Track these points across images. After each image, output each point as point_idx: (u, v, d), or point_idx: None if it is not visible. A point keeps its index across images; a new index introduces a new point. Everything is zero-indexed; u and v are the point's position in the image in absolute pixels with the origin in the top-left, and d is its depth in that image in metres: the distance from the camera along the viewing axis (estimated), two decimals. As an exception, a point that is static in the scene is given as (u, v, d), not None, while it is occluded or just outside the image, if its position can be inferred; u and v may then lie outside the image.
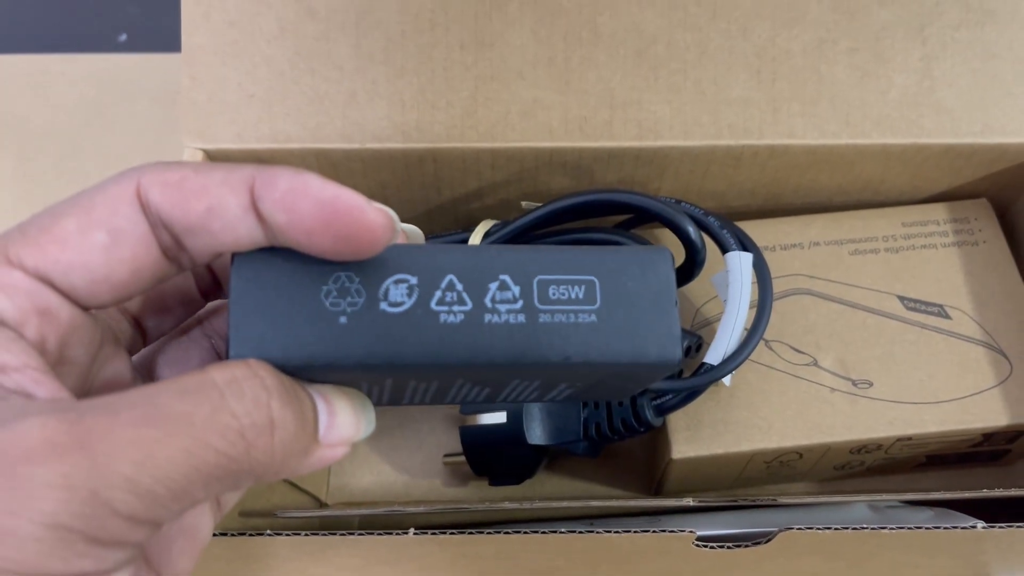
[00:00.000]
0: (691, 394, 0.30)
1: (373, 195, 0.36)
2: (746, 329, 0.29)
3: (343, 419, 0.18)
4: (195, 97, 0.33)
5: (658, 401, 0.30)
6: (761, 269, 0.31)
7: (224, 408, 0.15)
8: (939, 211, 0.36)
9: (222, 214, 0.17)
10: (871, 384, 0.33)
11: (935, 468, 0.36)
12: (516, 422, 0.31)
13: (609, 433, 0.31)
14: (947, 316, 0.34)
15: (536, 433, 0.31)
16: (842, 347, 0.34)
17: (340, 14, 0.33)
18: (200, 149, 0.33)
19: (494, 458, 0.33)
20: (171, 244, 0.17)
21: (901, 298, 0.34)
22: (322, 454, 0.17)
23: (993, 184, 0.36)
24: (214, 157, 0.34)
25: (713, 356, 0.29)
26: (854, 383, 0.33)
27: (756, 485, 0.36)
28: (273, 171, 0.17)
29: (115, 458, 0.13)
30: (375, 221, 0.17)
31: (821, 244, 0.36)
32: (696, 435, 0.32)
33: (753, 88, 0.34)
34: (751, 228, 0.36)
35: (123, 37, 0.62)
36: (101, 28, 0.60)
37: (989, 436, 0.33)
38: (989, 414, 0.32)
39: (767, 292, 0.30)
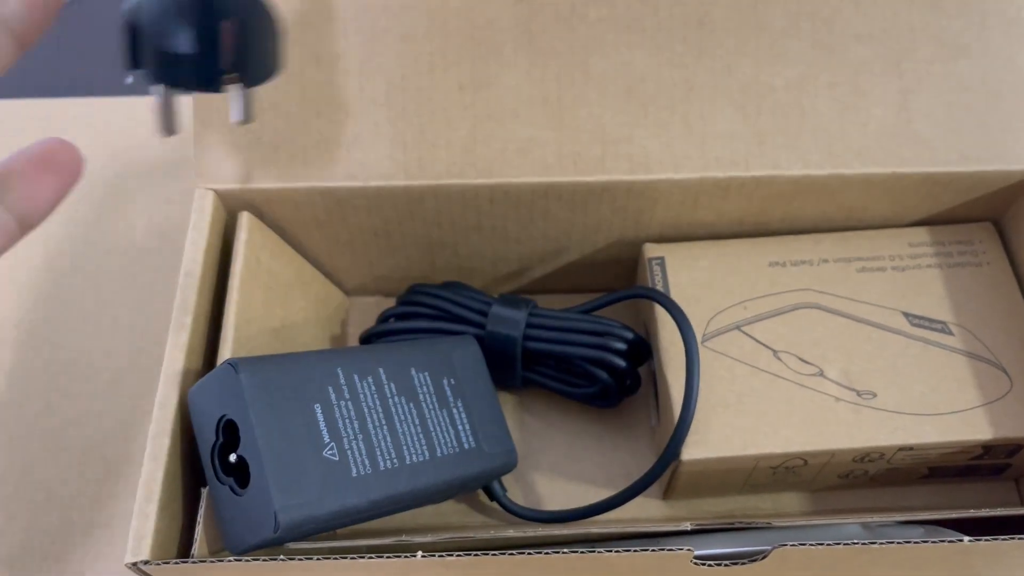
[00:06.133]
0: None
1: (377, 230, 0.38)
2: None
3: None
4: (206, 141, 0.35)
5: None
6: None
7: None
8: (945, 233, 0.38)
9: None
10: (875, 395, 0.34)
11: (938, 481, 0.37)
12: None
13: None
14: (950, 333, 0.35)
15: None
16: (847, 359, 0.35)
17: (343, 60, 0.35)
18: (211, 189, 0.35)
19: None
20: None
21: (906, 314, 0.36)
22: None
23: (970, 210, 0.37)
24: (225, 197, 0.35)
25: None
26: (858, 393, 0.34)
27: (763, 492, 0.37)
28: None
29: None
30: None
31: (830, 261, 0.37)
32: (705, 438, 0.33)
33: (738, 122, 0.35)
34: (760, 245, 0.38)
35: (129, 79, 0.63)
36: (108, 71, 0.62)
37: (989, 449, 0.34)
38: (989, 427, 0.33)
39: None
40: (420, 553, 0.28)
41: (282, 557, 0.28)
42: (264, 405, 0.28)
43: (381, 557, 0.28)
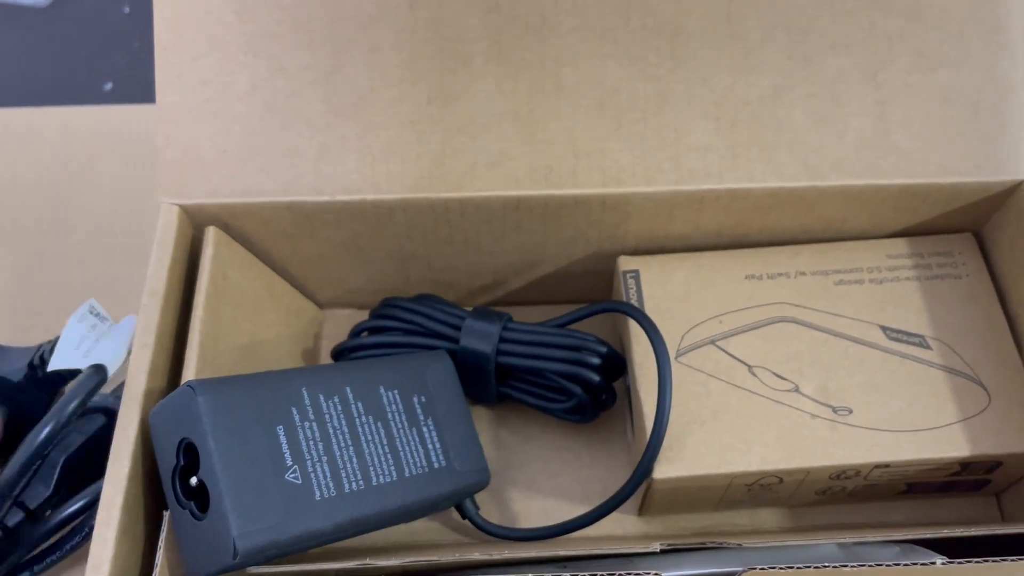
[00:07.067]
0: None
1: (347, 244, 0.37)
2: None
3: None
4: (170, 155, 0.34)
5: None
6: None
7: None
8: (924, 244, 0.37)
9: None
10: (851, 411, 0.34)
11: (917, 496, 0.37)
12: None
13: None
14: (928, 347, 0.35)
15: None
16: (824, 375, 0.34)
17: (310, 71, 0.34)
18: (176, 204, 0.34)
19: None
20: None
21: (884, 328, 0.35)
22: None
23: (950, 221, 0.37)
24: (190, 212, 0.34)
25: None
26: (834, 410, 0.34)
27: (739, 508, 0.37)
28: None
29: None
30: None
31: (807, 274, 0.37)
32: (678, 456, 0.33)
33: (713, 135, 0.35)
34: (738, 257, 0.37)
35: (109, 86, 0.63)
36: (87, 77, 0.61)
37: (967, 465, 0.34)
38: (966, 443, 0.33)
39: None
40: (383, 578, 0.27)
41: (243, 583, 0.27)
42: (224, 428, 0.27)
43: (344, 582, 0.27)
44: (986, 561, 0.28)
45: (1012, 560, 0.28)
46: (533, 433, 0.39)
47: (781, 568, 0.28)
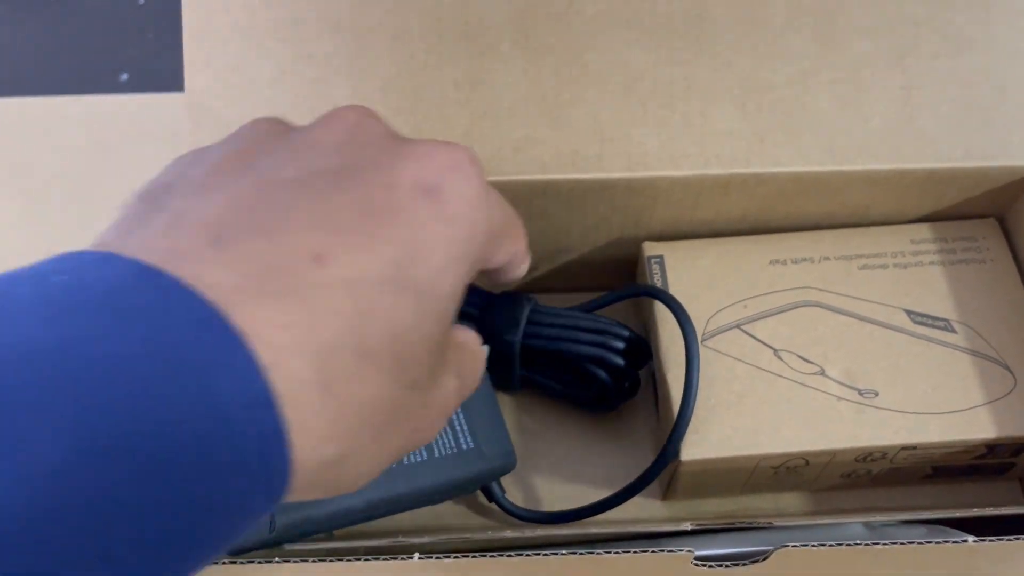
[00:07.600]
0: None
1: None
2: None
3: None
4: (198, 139, 0.34)
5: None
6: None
7: None
8: (948, 229, 0.37)
9: None
10: (877, 394, 0.34)
11: (942, 480, 0.37)
12: None
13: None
14: (953, 330, 0.35)
15: None
16: (849, 358, 0.34)
17: (337, 58, 0.34)
18: (204, 189, 0.34)
19: None
20: None
21: (908, 312, 0.35)
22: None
23: (974, 206, 0.37)
24: (218, 197, 0.35)
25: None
26: (860, 392, 0.34)
27: (764, 492, 0.37)
28: None
29: None
30: None
31: (831, 259, 0.37)
32: (705, 438, 0.33)
33: (739, 119, 0.35)
34: (762, 243, 0.37)
35: (124, 77, 0.63)
36: (102, 68, 0.62)
37: (992, 448, 0.34)
38: (992, 426, 0.33)
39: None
40: (417, 555, 0.27)
41: (278, 559, 0.27)
42: None
43: (378, 559, 0.27)
44: (1018, 539, 0.28)
45: (1043, 539, 0.28)
46: (555, 421, 0.39)
47: (812, 546, 0.28)
